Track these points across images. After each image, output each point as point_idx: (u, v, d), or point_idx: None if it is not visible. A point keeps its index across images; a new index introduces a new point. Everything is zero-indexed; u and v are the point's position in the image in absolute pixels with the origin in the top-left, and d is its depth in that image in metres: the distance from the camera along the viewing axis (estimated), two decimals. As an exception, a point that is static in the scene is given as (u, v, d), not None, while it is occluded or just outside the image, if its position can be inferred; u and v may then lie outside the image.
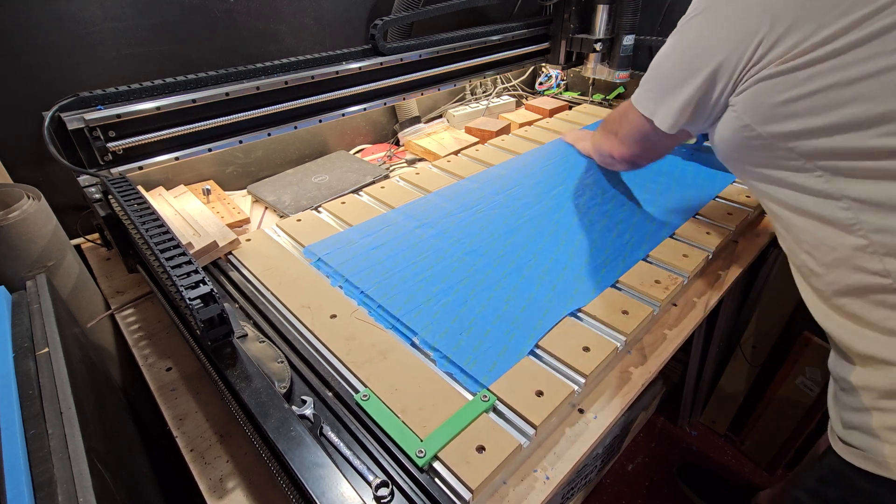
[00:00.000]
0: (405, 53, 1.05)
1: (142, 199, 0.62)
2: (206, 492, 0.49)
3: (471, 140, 1.16)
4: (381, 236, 0.78)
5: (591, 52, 1.28)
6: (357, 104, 1.03)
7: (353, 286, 0.68)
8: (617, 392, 0.57)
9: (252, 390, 0.47)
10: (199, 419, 0.56)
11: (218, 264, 0.74)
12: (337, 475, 0.40)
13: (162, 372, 0.62)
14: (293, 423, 0.44)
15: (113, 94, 0.75)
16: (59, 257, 0.69)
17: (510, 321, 0.61)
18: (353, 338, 0.59)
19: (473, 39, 1.18)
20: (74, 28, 0.78)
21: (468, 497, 0.43)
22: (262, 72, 0.89)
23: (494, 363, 0.55)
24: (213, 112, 0.84)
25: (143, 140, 0.77)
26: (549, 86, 1.47)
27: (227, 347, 0.51)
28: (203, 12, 0.89)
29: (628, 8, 1.17)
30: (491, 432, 0.48)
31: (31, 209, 0.65)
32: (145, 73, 0.86)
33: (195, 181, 0.95)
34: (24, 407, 0.43)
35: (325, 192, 0.94)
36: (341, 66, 0.97)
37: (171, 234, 0.55)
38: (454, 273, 0.69)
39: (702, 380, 1.33)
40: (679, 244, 0.76)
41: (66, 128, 0.71)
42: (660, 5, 1.27)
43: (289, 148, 1.07)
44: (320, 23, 1.05)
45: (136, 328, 0.70)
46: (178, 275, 0.48)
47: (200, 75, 0.83)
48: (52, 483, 0.37)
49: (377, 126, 1.22)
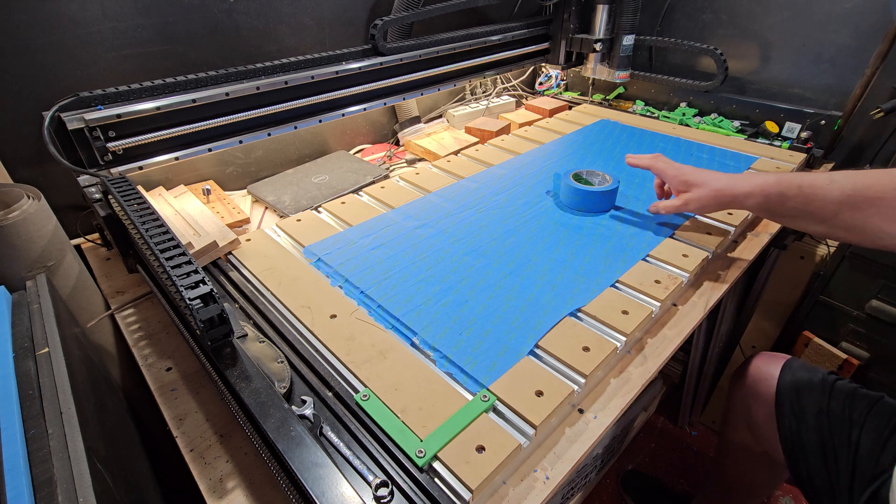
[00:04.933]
0: (405, 53, 1.05)
1: (142, 199, 0.62)
2: (206, 492, 0.49)
3: (471, 140, 1.16)
4: (381, 236, 0.78)
5: (590, 52, 1.28)
6: (357, 104, 1.03)
7: (353, 286, 0.68)
8: (617, 392, 0.57)
9: (252, 390, 0.47)
10: (199, 419, 0.56)
11: (218, 264, 0.74)
12: (337, 475, 0.40)
13: (162, 372, 0.62)
14: (293, 423, 0.44)
15: (113, 94, 0.75)
16: (59, 257, 0.69)
17: (510, 321, 0.61)
18: (353, 338, 0.59)
19: (473, 39, 1.18)
20: (74, 28, 0.78)
21: (468, 497, 0.43)
22: (262, 72, 0.89)
23: (494, 363, 0.55)
24: (213, 112, 0.84)
25: (143, 140, 0.77)
26: (549, 86, 1.47)
27: (226, 347, 0.51)
28: (203, 12, 0.89)
29: (628, 8, 1.17)
30: (491, 432, 0.48)
31: (31, 209, 0.65)
32: (145, 73, 0.86)
33: (195, 181, 0.95)
34: (24, 407, 0.43)
35: (325, 192, 0.94)
36: (341, 66, 0.96)
37: (171, 234, 0.55)
38: (454, 273, 0.69)
39: (702, 380, 1.33)
40: (679, 244, 0.76)
41: (66, 128, 0.71)
42: (660, 5, 1.27)
43: (289, 148, 1.07)
44: (320, 23, 1.05)
45: (136, 328, 0.70)
46: (178, 275, 0.48)
47: (200, 75, 0.83)
48: (52, 483, 0.37)
49: (377, 126, 1.22)
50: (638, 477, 1.29)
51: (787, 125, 1.09)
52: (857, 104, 0.99)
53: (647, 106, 1.32)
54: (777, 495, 1.27)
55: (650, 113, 1.28)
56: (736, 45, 1.18)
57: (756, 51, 1.16)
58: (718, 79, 1.12)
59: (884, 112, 0.95)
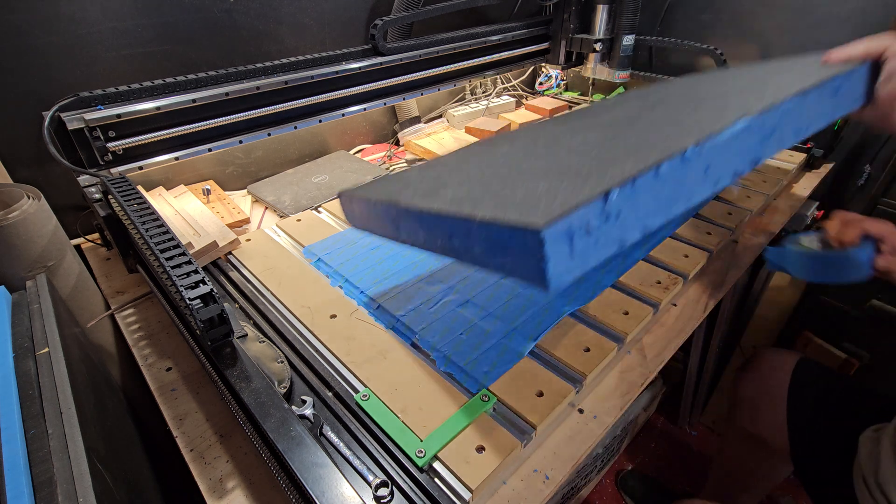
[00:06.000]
0: (405, 53, 1.05)
1: (142, 199, 0.62)
2: (206, 492, 0.49)
3: (471, 140, 1.16)
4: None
5: (590, 52, 1.28)
6: (357, 104, 1.03)
7: (353, 286, 0.68)
8: (617, 392, 0.57)
9: (252, 390, 0.47)
10: (198, 419, 0.56)
11: (218, 264, 0.74)
12: (337, 475, 0.40)
13: (162, 372, 0.62)
14: (293, 423, 0.44)
15: (113, 94, 0.75)
16: (58, 257, 0.69)
17: (510, 321, 0.61)
18: (353, 338, 0.59)
19: (473, 39, 1.18)
20: (74, 28, 0.78)
21: (468, 497, 0.43)
22: (262, 72, 0.89)
23: (494, 363, 0.55)
24: (213, 112, 0.84)
25: (143, 140, 0.77)
26: (549, 86, 1.47)
27: (226, 347, 0.51)
28: (203, 12, 0.89)
29: (628, 8, 1.17)
30: (491, 432, 0.48)
31: (30, 209, 0.65)
32: (145, 73, 0.86)
33: (195, 181, 0.95)
34: (24, 407, 0.43)
35: (325, 192, 0.94)
36: (341, 66, 0.96)
37: (171, 234, 0.55)
38: (454, 273, 0.69)
39: (702, 380, 1.33)
40: (679, 244, 0.76)
41: (66, 128, 0.71)
42: (660, 5, 1.27)
43: (289, 148, 1.07)
44: (320, 23, 1.05)
45: (136, 328, 0.70)
46: (177, 275, 0.48)
47: (200, 75, 0.83)
48: (52, 483, 0.37)
49: (377, 126, 1.22)
50: (637, 477, 1.29)
51: (788, 125, 1.09)
52: (857, 104, 0.99)
53: (647, 106, 1.31)
54: (777, 494, 1.27)
55: (650, 113, 1.28)
56: (736, 45, 1.18)
57: (756, 51, 1.16)
58: (718, 79, 1.13)
59: (884, 112, 0.95)
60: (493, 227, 0.32)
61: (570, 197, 0.31)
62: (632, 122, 0.49)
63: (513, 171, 0.44)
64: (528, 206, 0.32)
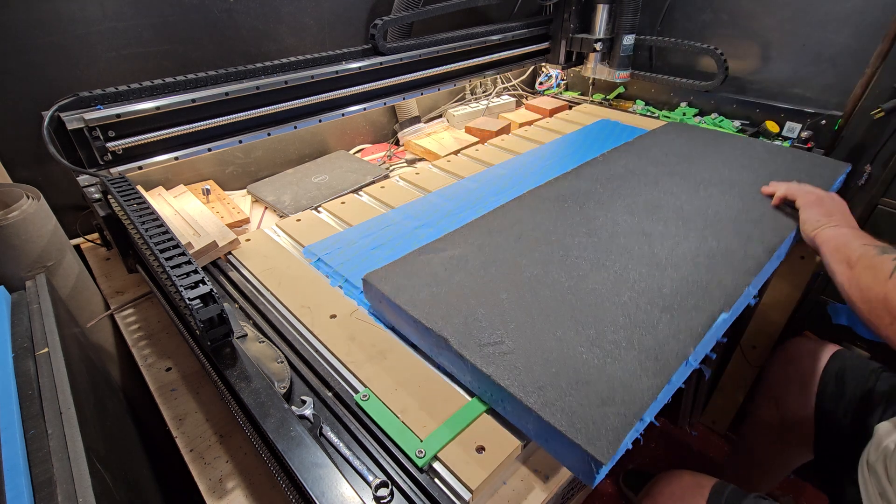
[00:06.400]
0: (405, 53, 1.05)
1: (141, 199, 0.62)
2: (206, 492, 0.49)
3: (471, 140, 1.16)
4: (381, 236, 0.78)
5: (591, 52, 1.28)
6: (357, 104, 1.03)
7: (353, 286, 0.68)
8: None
9: (252, 390, 0.47)
10: (198, 419, 0.56)
11: (218, 264, 0.74)
12: (336, 475, 0.40)
13: (162, 372, 0.62)
14: (293, 424, 0.44)
15: (112, 94, 0.75)
16: (58, 257, 0.69)
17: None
18: (353, 338, 0.59)
19: (473, 39, 1.18)
20: (74, 28, 0.78)
21: (468, 497, 0.43)
22: (261, 72, 0.89)
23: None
24: (213, 112, 0.84)
25: (143, 140, 0.77)
26: (549, 86, 1.47)
27: (226, 347, 0.51)
28: (203, 12, 0.89)
29: (628, 8, 1.17)
30: (491, 432, 0.48)
31: (30, 209, 0.65)
32: (145, 73, 0.86)
33: (195, 181, 0.95)
34: (24, 407, 0.43)
35: (325, 192, 0.94)
36: (341, 66, 0.96)
37: (170, 234, 0.55)
38: (454, 273, 0.69)
39: (702, 380, 1.33)
40: (679, 244, 0.75)
41: (66, 128, 0.71)
42: (660, 5, 1.27)
43: (289, 148, 1.07)
44: (320, 23, 1.05)
45: (135, 328, 0.70)
46: (177, 275, 0.48)
47: (200, 75, 0.82)
48: (51, 483, 0.37)
49: (377, 126, 1.22)
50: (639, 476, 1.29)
51: (788, 125, 1.09)
52: (857, 104, 0.99)
53: (647, 106, 1.31)
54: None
55: (650, 113, 1.28)
56: (736, 44, 1.18)
57: (756, 50, 1.16)
58: (719, 78, 1.12)
59: (884, 112, 0.95)
60: (556, 431, 0.42)
61: (621, 425, 0.43)
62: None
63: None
64: (589, 428, 0.42)
